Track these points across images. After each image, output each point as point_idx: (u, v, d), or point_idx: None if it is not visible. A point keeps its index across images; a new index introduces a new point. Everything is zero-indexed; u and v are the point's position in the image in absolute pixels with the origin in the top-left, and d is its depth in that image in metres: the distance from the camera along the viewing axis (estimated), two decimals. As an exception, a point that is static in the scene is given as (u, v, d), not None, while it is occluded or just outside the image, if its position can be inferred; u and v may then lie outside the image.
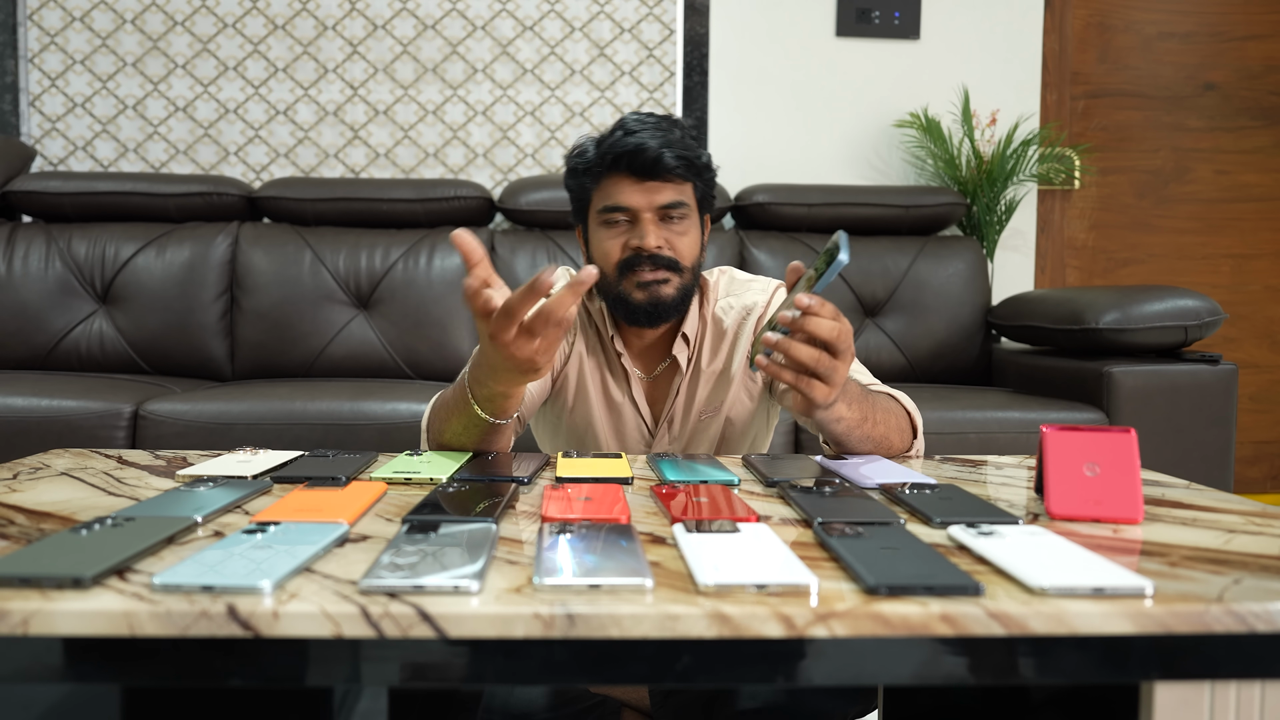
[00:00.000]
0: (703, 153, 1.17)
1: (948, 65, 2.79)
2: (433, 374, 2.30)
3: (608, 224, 1.16)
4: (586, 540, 0.60)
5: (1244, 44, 2.95)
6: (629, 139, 1.11)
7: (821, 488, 0.78)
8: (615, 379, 1.24)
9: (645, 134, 1.11)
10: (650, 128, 1.12)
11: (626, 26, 2.72)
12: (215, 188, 2.41)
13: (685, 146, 1.13)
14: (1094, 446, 0.73)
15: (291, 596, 0.49)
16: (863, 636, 0.49)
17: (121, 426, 1.80)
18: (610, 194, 1.14)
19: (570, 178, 1.20)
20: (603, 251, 1.17)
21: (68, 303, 2.31)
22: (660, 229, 1.14)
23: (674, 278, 1.15)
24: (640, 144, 1.10)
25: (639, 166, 1.11)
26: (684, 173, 1.13)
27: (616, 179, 1.14)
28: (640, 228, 1.13)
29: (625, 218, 1.15)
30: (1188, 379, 1.88)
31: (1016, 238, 2.84)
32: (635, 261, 1.14)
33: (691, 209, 1.16)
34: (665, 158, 1.10)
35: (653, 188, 1.13)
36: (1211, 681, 0.51)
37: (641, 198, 1.13)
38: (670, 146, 1.11)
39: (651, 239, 1.12)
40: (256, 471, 0.85)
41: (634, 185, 1.13)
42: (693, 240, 1.17)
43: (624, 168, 1.12)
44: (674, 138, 1.12)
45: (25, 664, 0.48)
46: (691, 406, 1.25)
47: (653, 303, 1.15)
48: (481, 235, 2.40)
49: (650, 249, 1.13)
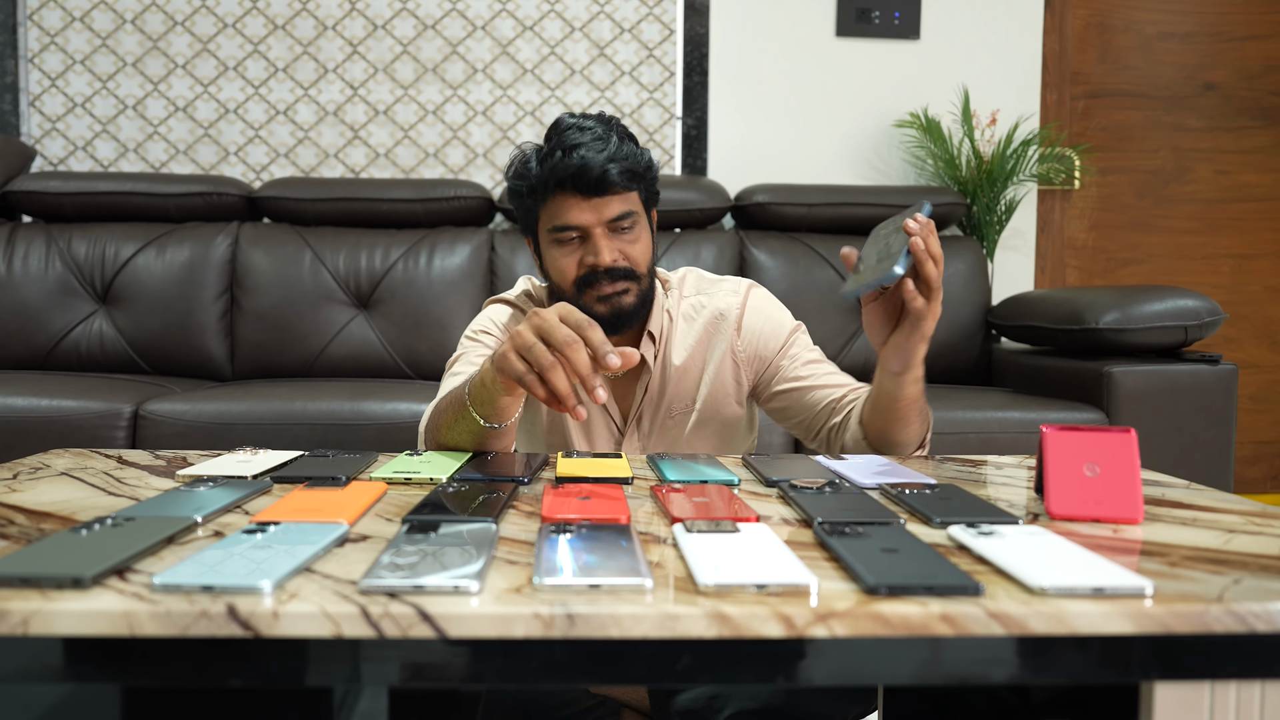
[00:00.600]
0: (644, 155, 1.17)
1: (948, 65, 2.79)
2: (433, 374, 2.30)
3: (559, 243, 1.16)
4: (586, 540, 0.60)
5: (1244, 44, 2.95)
6: (570, 160, 1.10)
7: (821, 488, 0.78)
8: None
9: (586, 149, 1.10)
10: (590, 139, 1.11)
11: (626, 26, 2.72)
12: (215, 188, 2.41)
13: (626, 155, 1.12)
14: (1094, 446, 0.73)
15: (291, 596, 0.49)
16: (863, 636, 0.49)
17: (121, 426, 1.80)
18: (558, 213, 1.14)
19: (514, 198, 1.19)
20: (558, 270, 1.17)
21: (68, 303, 2.31)
22: (612, 241, 1.14)
23: (633, 286, 1.16)
24: (583, 162, 1.09)
25: (584, 185, 1.10)
26: (628, 183, 1.13)
27: (562, 197, 1.13)
28: (593, 243, 1.13)
29: (576, 235, 1.14)
30: (1188, 379, 1.88)
31: (1016, 238, 2.84)
32: (593, 278, 1.14)
33: (640, 215, 1.17)
34: (610, 173, 1.10)
35: (600, 203, 1.12)
36: (1211, 681, 0.51)
37: (590, 214, 1.12)
38: (614, 160, 1.10)
39: (605, 255, 1.13)
40: (256, 471, 0.85)
41: (581, 202, 1.12)
42: (645, 245, 1.18)
43: (569, 187, 1.11)
44: (614, 148, 1.11)
45: (25, 664, 0.48)
46: (660, 404, 1.24)
47: (615, 313, 1.15)
48: (481, 235, 2.40)
49: (605, 264, 1.13)
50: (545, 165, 1.13)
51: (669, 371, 1.24)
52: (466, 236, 2.39)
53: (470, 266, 2.35)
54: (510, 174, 1.19)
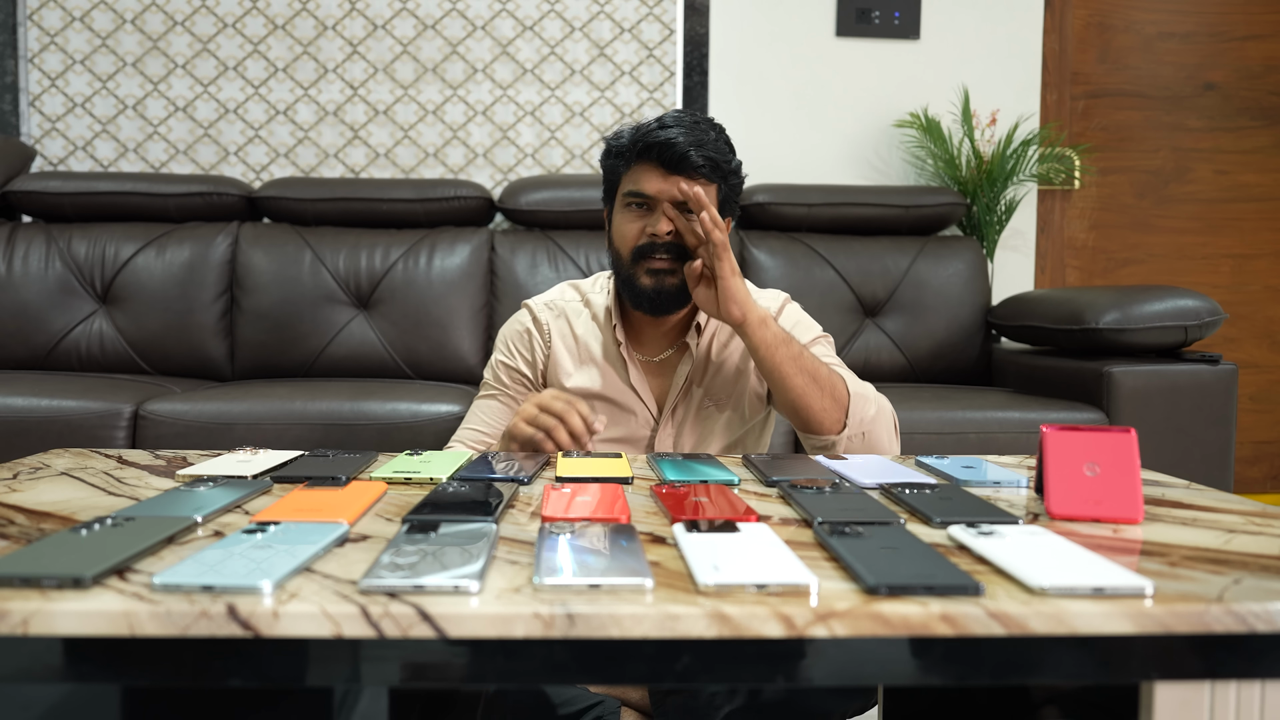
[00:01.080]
0: (732, 157, 1.22)
1: (948, 65, 2.79)
2: (433, 374, 2.30)
3: (629, 208, 1.21)
4: (586, 540, 0.60)
5: (1244, 44, 2.95)
6: (661, 131, 1.17)
7: (821, 488, 0.78)
8: (615, 367, 1.27)
9: (678, 130, 1.16)
10: (686, 126, 1.17)
11: (626, 26, 2.72)
12: (215, 188, 2.41)
13: (715, 149, 1.18)
14: (1094, 446, 0.73)
15: (291, 596, 0.49)
16: (863, 636, 0.49)
17: (121, 426, 1.80)
18: (636, 180, 1.19)
19: (604, 158, 1.25)
20: (621, 234, 1.22)
21: (68, 303, 2.31)
22: (677, 220, 1.18)
23: (680, 269, 1.19)
24: (670, 139, 1.15)
25: (666, 158, 1.16)
26: (709, 173, 1.17)
27: (644, 167, 1.18)
28: (656, 215, 1.18)
29: (645, 204, 1.19)
30: (1188, 379, 1.88)
31: (1016, 238, 2.84)
32: (650, 249, 1.18)
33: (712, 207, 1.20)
34: (692, 155, 1.15)
35: (675, 181, 1.16)
36: (1211, 681, 0.51)
37: (663, 187, 1.17)
38: (700, 146, 1.16)
39: (664, 225, 1.17)
40: (256, 471, 0.85)
41: (659, 175, 1.17)
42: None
43: (653, 157, 1.17)
44: (706, 139, 1.17)
45: (25, 664, 0.48)
46: (699, 395, 1.27)
47: (657, 290, 1.19)
48: (481, 235, 2.40)
49: (663, 235, 1.17)
50: (639, 132, 1.20)
51: (711, 363, 1.28)
52: (466, 236, 2.39)
53: (470, 266, 2.35)
54: (608, 138, 1.26)
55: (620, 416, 1.27)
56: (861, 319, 2.43)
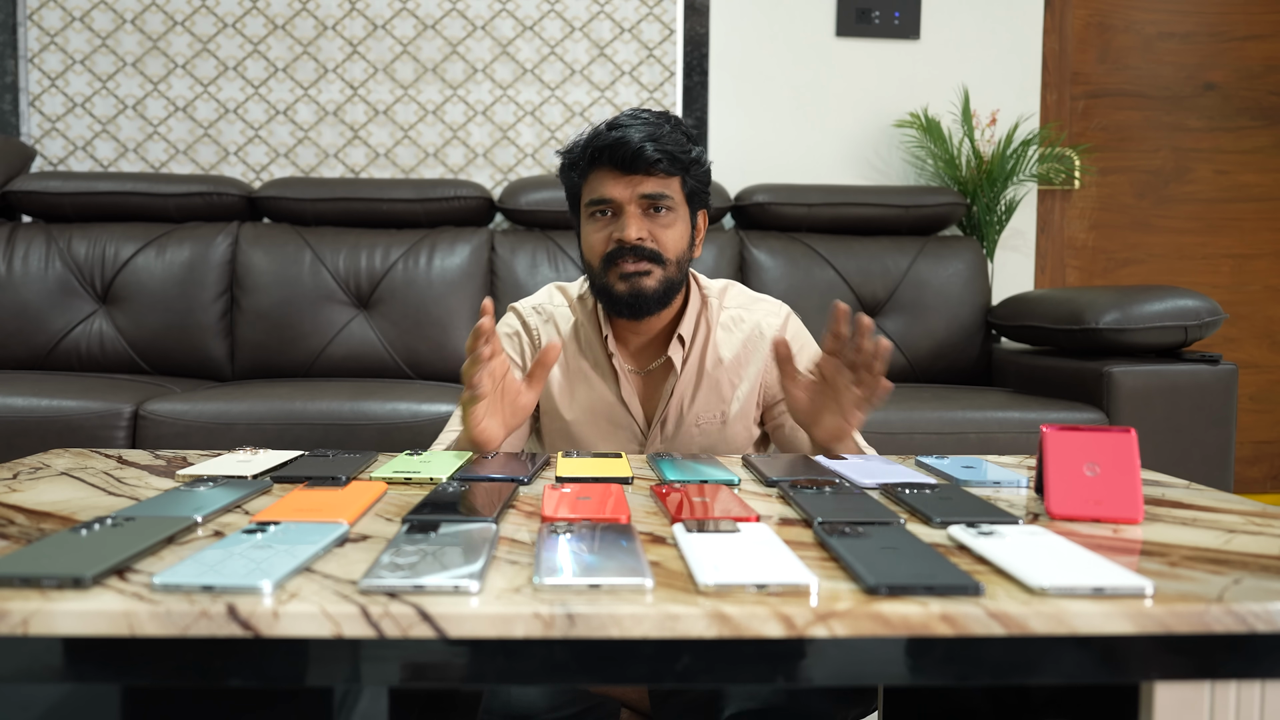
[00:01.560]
0: (692, 148, 1.17)
1: (948, 65, 2.79)
2: (433, 374, 2.30)
3: (593, 217, 1.18)
4: (586, 540, 0.60)
5: (1244, 44, 2.95)
6: (612, 133, 1.13)
7: (821, 488, 0.78)
8: (605, 380, 1.24)
9: (631, 129, 1.13)
10: (639, 123, 1.14)
11: (626, 26, 2.72)
12: (215, 188, 2.41)
13: (672, 141, 1.14)
14: (1094, 446, 0.73)
15: (291, 596, 0.49)
16: (863, 636, 0.49)
17: (121, 426, 1.80)
18: (595, 187, 1.16)
19: (561, 173, 1.22)
20: (589, 244, 1.19)
21: (68, 303, 2.31)
22: (643, 221, 1.15)
23: (656, 269, 1.16)
24: (621, 137, 1.12)
25: (620, 159, 1.12)
26: (667, 166, 1.14)
27: (601, 172, 1.15)
28: (623, 220, 1.15)
29: (609, 210, 1.16)
30: (1188, 379, 1.88)
31: (1016, 238, 2.84)
32: (618, 254, 1.15)
33: (677, 203, 1.17)
34: (647, 150, 1.11)
35: (635, 180, 1.14)
36: (1211, 681, 0.51)
37: (624, 190, 1.14)
38: (655, 140, 1.12)
39: (632, 230, 1.13)
40: (256, 471, 0.85)
41: (617, 178, 1.14)
42: (678, 234, 1.18)
43: (606, 160, 1.14)
44: (661, 132, 1.13)
45: (25, 664, 0.48)
46: (689, 409, 1.24)
47: (634, 294, 1.16)
48: (481, 235, 2.40)
49: (631, 240, 1.14)
50: (590, 140, 1.16)
51: (703, 378, 1.24)
52: (466, 236, 2.39)
53: (470, 266, 2.35)
54: (562, 152, 1.22)
55: (609, 428, 1.24)
56: (861, 319, 2.43)
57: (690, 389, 1.24)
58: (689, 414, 1.24)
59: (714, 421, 1.25)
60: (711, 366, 1.24)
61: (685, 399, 1.24)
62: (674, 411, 1.24)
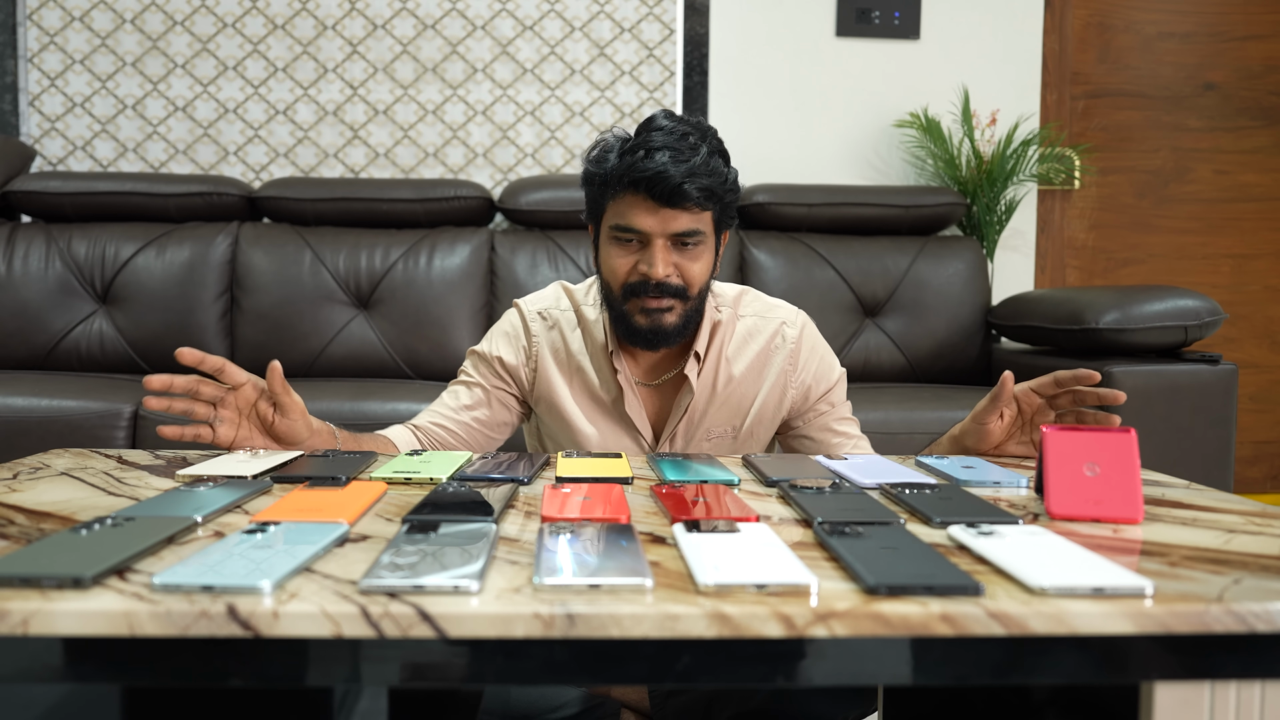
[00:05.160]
0: (730, 174, 1.11)
1: (948, 65, 2.79)
2: (433, 374, 2.30)
3: (618, 241, 1.12)
4: (586, 540, 0.60)
5: (1244, 44, 2.95)
6: (649, 162, 1.05)
7: (821, 488, 0.78)
8: (609, 392, 1.21)
9: (667, 157, 1.04)
10: (675, 148, 1.05)
11: (626, 26, 2.72)
12: (215, 188, 2.41)
13: (709, 172, 1.06)
14: (1094, 446, 0.73)
15: (291, 596, 0.49)
16: (863, 636, 0.49)
17: (121, 426, 1.80)
18: (624, 213, 1.09)
19: (587, 183, 1.16)
20: (610, 268, 1.13)
21: (68, 303, 2.31)
22: (671, 255, 1.10)
23: (679, 305, 1.12)
24: (661, 170, 1.04)
25: (657, 193, 1.05)
26: (704, 201, 1.07)
27: (632, 198, 1.08)
28: (651, 253, 1.09)
29: (636, 240, 1.10)
30: (1188, 379, 1.88)
31: (1016, 238, 2.84)
32: (642, 288, 1.10)
33: (707, 235, 1.12)
34: (686, 189, 1.04)
35: (669, 215, 1.07)
36: (1211, 681, 0.51)
37: (655, 223, 1.08)
38: (693, 176, 1.05)
39: (660, 268, 1.08)
40: (256, 471, 0.85)
41: (650, 209, 1.07)
42: (704, 266, 1.13)
43: (642, 189, 1.06)
44: (698, 163, 1.05)
45: (25, 664, 0.48)
46: (700, 423, 1.22)
47: (653, 329, 1.12)
48: (481, 235, 2.40)
49: (657, 278, 1.09)
50: (624, 160, 1.08)
51: (717, 392, 1.21)
52: (466, 236, 2.39)
53: (470, 266, 2.35)
54: (589, 158, 1.14)
55: (614, 441, 1.22)
56: (861, 319, 2.43)
57: (704, 403, 1.21)
58: (700, 428, 1.22)
59: (726, 435, 1.23)
60: (725, 381, 1.21)
61: (698, 413, 1.21)
62: (685, 426, 1.21)
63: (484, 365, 1.24)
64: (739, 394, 1.22)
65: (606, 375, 1.21)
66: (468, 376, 1.25)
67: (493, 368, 1.23)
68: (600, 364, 1.21)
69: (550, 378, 1.22)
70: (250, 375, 0.99)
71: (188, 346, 0.97)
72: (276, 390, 0.98)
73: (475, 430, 1.22)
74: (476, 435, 1.22)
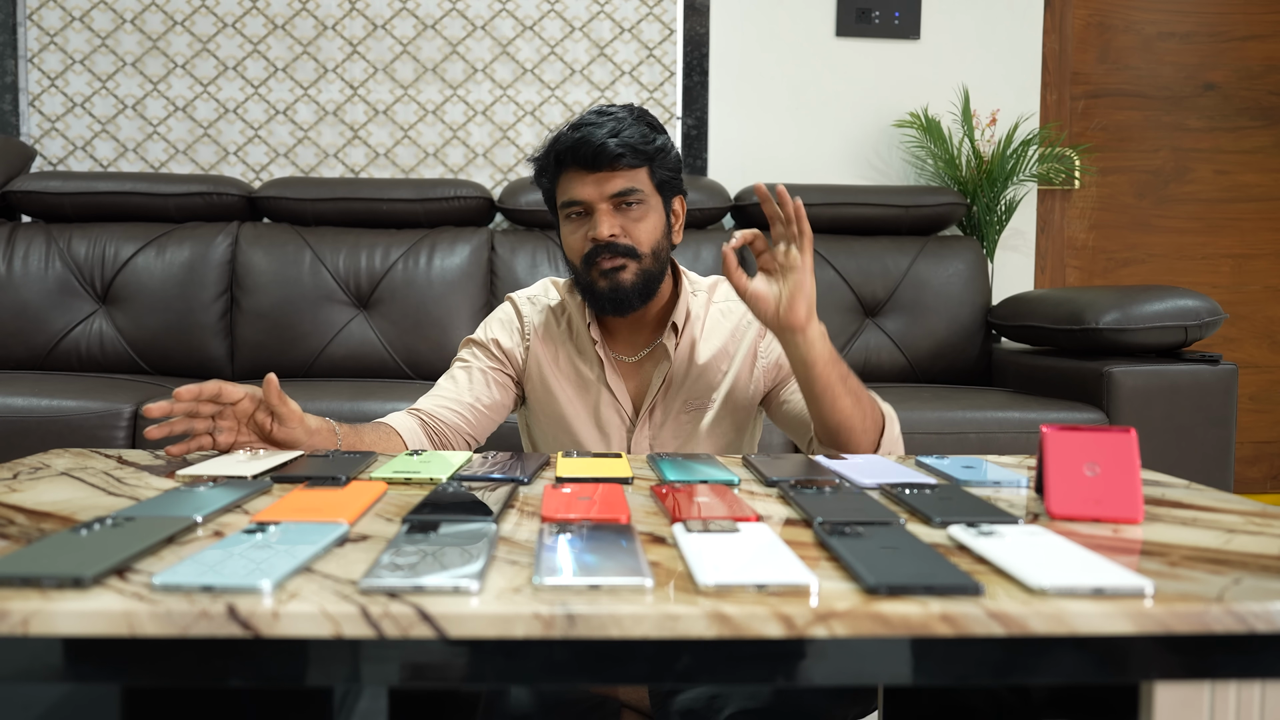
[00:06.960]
0: (655, 136, 1.18)
1: (948, 65, 2.79)
2: (432, 374, 2.29)
3: (569, 219, 1.20)
4: (586, 540, 0.60)
5: (1244, 44, 2.95)
6: (574, 133, 1.14)
7: (821, 488, 0.78)
8: (592, 368, 1.27)
9: (592, 126, 1.14)
10: (595, 121, 1.15)
11: (626, 26, 2.72)
12: (215, 188, 2.41)
13: (634, 134, 1.15)
14: (1094, 446, 0.73)
15: (291, 596, 0.49)
16: (863, 636, 0.49)
17: (121, 426, 1.80)
18: (566, 189, 1.18)
19: (536, 179, 1.24)
20: (569, 245, 1.21)
21: (68, 303, 2.31)
22: (614, 217, 1.16)
23: (631, 264, 1.17)
24: (583, 137, 1.13)
25: (584, 158, 1.14)
26: (631, 159, 1.15)
27: (569, 173, 1.17)
28: (595, 219, 1.16)
29: (582, 210, 1.18)
30: (1188, 379, 1.88)
31: (1016, 238, 2.84)
32: (595, 253, 1.17)
33: (647, 194, 1.18)
34: (609, 146, 1.12)
35: (602, 178, 1.15)
36: (1211, 681, 0.51)
37: (593, 189, 1.15)
38: (615, 135, 1.13)
39: (604, 228, 1.15)
40: (256, 471, 0.85)
41: (585, 177, 1.15)
42: (651, 225, 1.19)
43: (571, 161, 1.15)
44: (622, 127, 1.14)
45: (25, 664, 0.48)
46: (677, 396, 1.26)
47: (613, 289, 1.17)
48: (481, 235, 2.40)
49: (604, 238, 1.15)
50: (557, 143, 1.17)
51: (693, 366, 1.26)
52: (466, 236, 2.39)
53: (470, 266, 2.35)
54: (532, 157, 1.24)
55: (596, 416, 1.26)
56: (861, 319, 2.43)
57: (681, 375, 1.26)
58: (678, 400, 1.26)
59: (701, 407, 1.26)
60: (700, 356, 1.26)
61: (674, 384, 1.26)
62: (663, 399, 1.26)
63: (481, 350, 1.29)
64: (713, 367, 1.27)
65: (589, 353, 1.27)
66: (464, 362, 1.29)
67: (489, 351, 1.29)
68: (584, 344, 1.27)
69: (539, 356, 1.28)
70: (247, 388, 1.00)
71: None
72: (273, 402, 0.99)
73: (477, 410, 1.25)
74: (478, 416, 1.25)
